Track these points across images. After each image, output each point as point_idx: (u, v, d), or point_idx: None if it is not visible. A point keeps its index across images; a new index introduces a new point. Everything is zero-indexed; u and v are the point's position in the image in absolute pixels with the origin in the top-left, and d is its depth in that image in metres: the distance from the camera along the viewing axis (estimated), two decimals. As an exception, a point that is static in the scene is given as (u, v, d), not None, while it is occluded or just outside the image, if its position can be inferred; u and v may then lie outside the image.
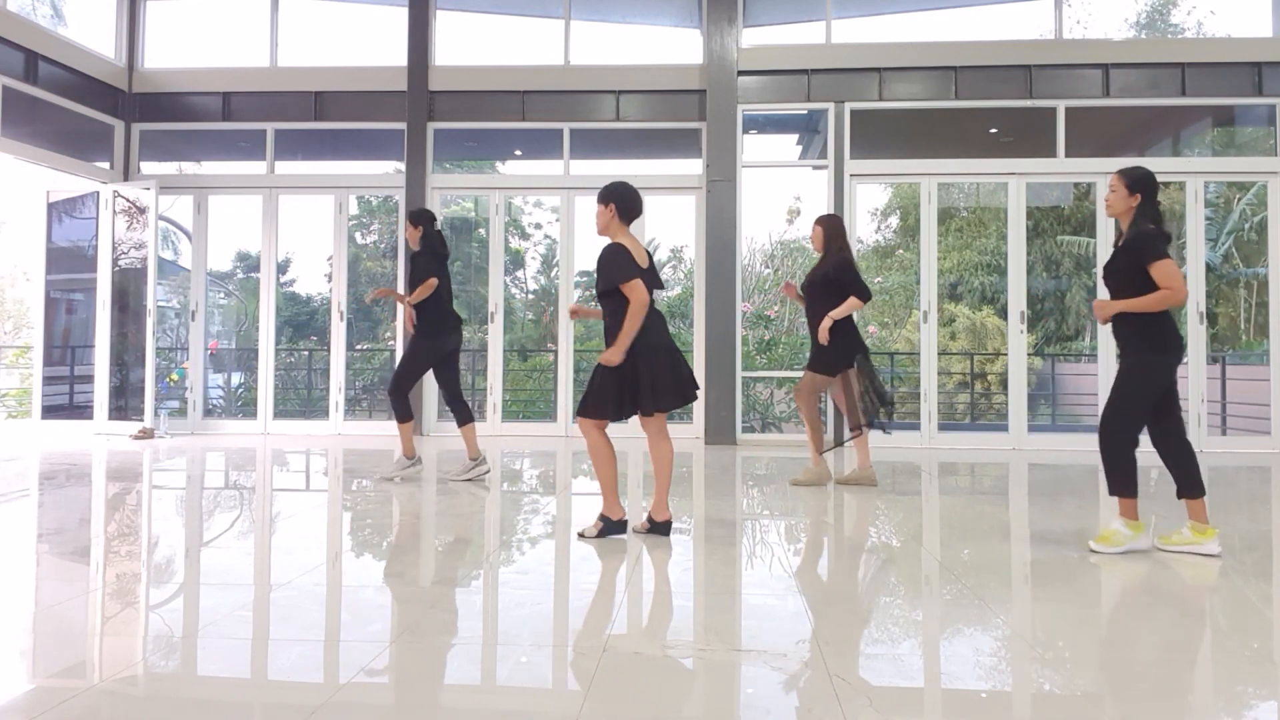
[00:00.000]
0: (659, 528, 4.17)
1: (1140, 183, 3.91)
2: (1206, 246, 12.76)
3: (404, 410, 5.93)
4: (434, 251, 5.88)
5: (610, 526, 4.12)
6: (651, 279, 4.08)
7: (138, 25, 9.34)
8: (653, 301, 4.02)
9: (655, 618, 3.00)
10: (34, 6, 9.65)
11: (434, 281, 5.69)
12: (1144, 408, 3.86)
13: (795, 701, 2.26)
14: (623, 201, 4.08)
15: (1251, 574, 3.76)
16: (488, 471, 6.03)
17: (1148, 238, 3.81)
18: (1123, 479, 3.90)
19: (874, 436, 5.74)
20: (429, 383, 8.92)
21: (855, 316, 5.79)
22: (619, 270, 3.95)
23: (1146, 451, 3.89)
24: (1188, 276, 8.45)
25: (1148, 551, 3.90)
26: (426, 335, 5.83)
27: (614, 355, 3.94)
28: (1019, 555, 3.97)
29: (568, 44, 9.04)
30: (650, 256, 4.20)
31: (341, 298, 9.08)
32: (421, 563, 3.90)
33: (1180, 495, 3.92)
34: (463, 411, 5.98)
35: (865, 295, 5.53)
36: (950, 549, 4.12)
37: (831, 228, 5.74)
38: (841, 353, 5.60)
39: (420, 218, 5.92)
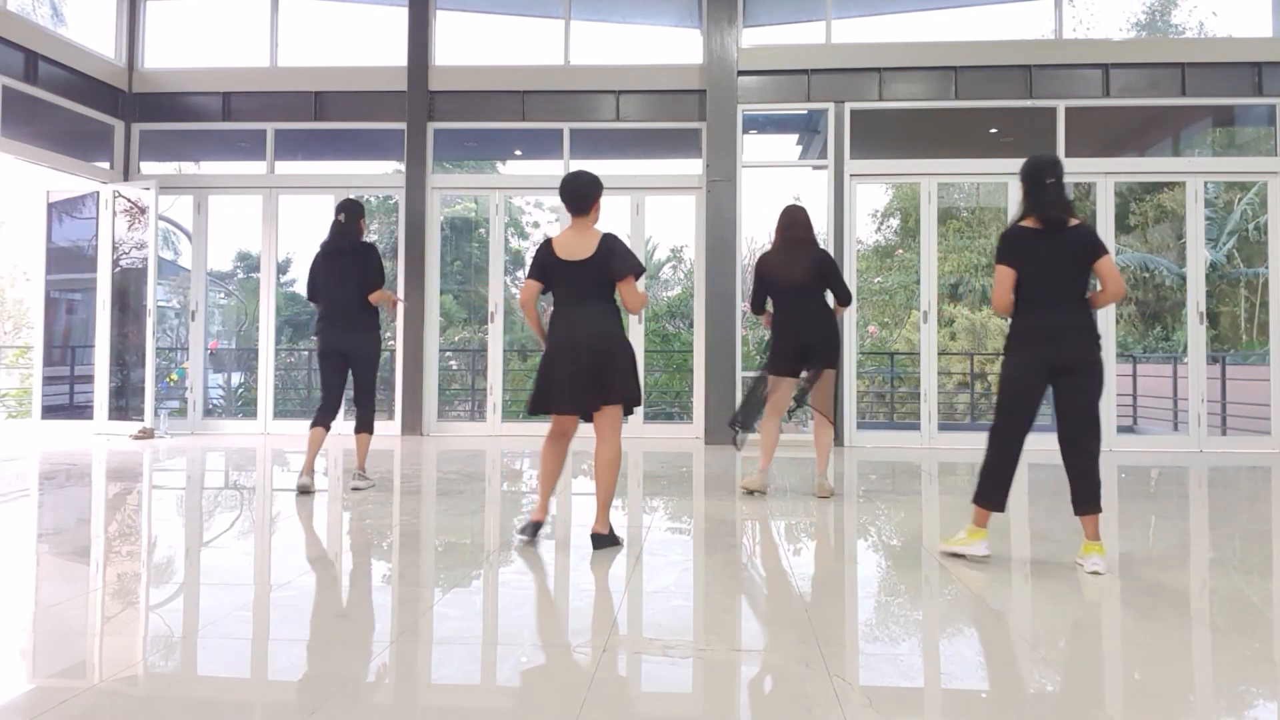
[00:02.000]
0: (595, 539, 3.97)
1: (1020, 174, 3.77)
2: (1208, 247, 12.75)
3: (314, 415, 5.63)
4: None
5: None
6: (559, 273, 3.95)
7: (138, 25, 9.34)
8: (566, 298, 3.96)
9: (655, 618, 3.00)
10: (34, 6, 9.64)
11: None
12: (1005, 408, 3.72)
13: (795, 701, 2.26)
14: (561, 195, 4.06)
15: (1253, 574, 3.75)
16: (368, 487, 5.63)
17: (1000, 238, 3.77)
18: (980, 483, 3.76)
19: (875, 435, 5.73)
20: (427, 382, 8.93)
21: (846, 316, 5.63)
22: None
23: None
24: (1187, 276, 8.46)
25: (1149, 552, 3.90)
26: None
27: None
28: (1019, 555, 3.97)
29: (568, 44, 9.04)
30: (597, 253, 3.90)
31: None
32: (421, 563, 3.90)
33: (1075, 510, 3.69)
34: (361, 418, 5.66)
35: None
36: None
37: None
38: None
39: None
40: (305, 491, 5.32)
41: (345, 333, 5.50)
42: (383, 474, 6.41)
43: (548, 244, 4.00)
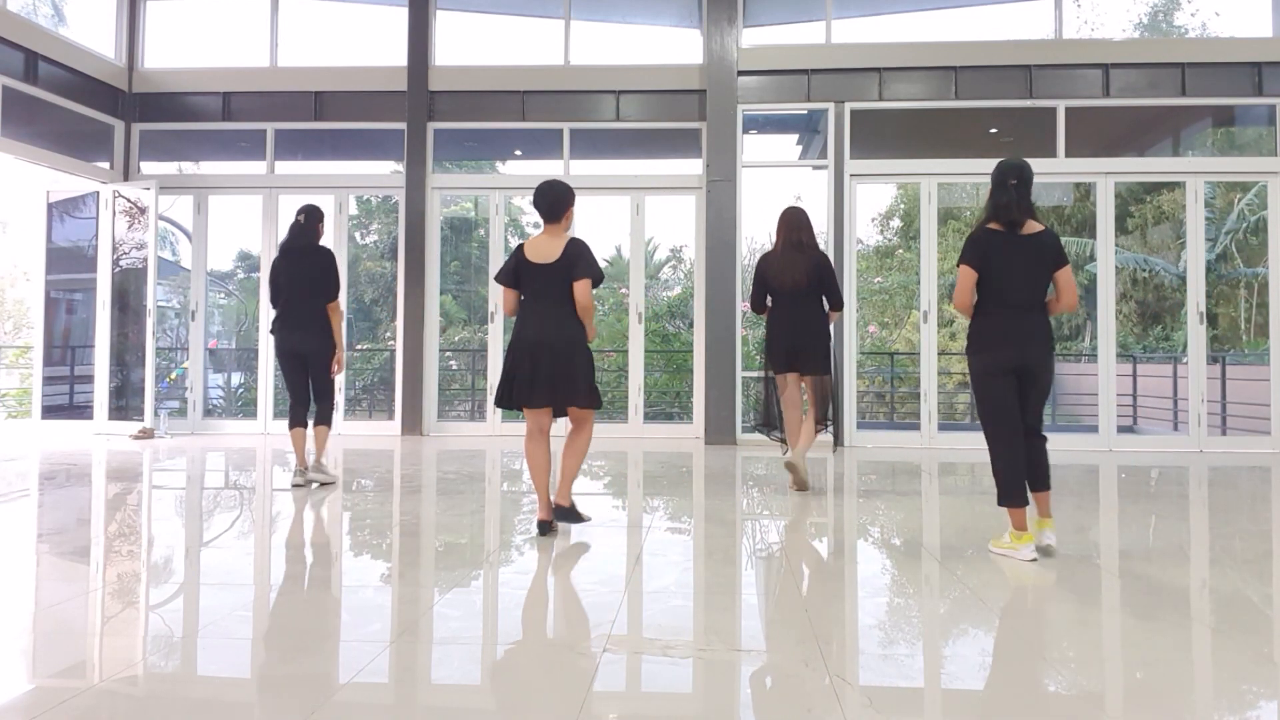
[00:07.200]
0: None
1: (990, 177, 3.90)
2: (1205, 247, 12.75)
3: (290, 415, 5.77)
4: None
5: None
6: (529, 275, 4.16)
7: (138, 25, 9.34)
8: (533, 297, 4.16)
9: (655, 618, 3.00)
10: (35, 6, 9.64)
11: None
12: (983, 410, 3.84)
13: (795, 701, 2.26)
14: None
15: (1252, 574, 3.75)
16: (328, 481, 5.71)
17: (966, 240, 3.84)
18: (998, 486, 3.83)
19: (875, 435, 5.74)
20: (427, 382, 8.92)
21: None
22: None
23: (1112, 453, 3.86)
24: (1187, 276, 8.46)
25: (1149, 551, 3.90)
26: None
27: None
28: (1018, 555, 3.96)
29: (568, 44, 9.04)
30: (563, 256, 4.12)
31: (341, 298, 9.04)
32: (421, 563, 3.90)
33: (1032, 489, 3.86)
34: (319, 412, 5.75)
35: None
36: (950, 549, 4.12)
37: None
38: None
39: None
40: (301, 486, 5.54)
41: (303, 335, 5.62)
42: (382, 474, 6.42)
43: (520, 249, 4.24)
